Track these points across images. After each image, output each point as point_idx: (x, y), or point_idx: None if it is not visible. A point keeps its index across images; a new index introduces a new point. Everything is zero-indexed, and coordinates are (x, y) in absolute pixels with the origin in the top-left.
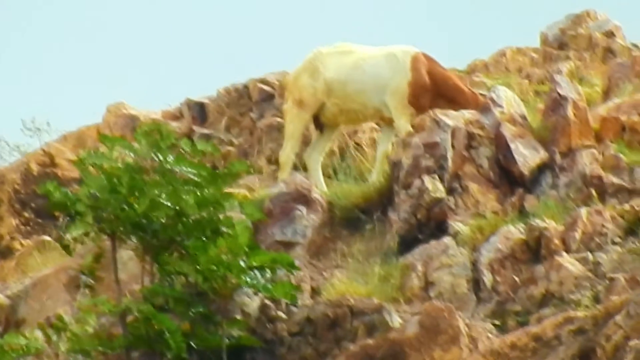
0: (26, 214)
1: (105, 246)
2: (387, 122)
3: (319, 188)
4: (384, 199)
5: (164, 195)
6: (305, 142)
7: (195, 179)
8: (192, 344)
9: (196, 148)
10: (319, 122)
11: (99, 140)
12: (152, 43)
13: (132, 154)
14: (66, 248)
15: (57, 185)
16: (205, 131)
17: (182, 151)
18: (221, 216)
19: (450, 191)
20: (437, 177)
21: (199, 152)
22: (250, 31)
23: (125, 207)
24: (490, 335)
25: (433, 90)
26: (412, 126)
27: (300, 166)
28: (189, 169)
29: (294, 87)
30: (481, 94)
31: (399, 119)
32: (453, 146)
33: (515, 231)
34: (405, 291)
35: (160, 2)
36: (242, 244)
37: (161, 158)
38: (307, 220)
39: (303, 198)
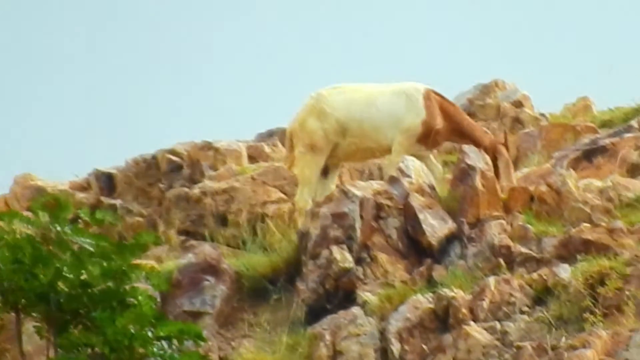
0: None
1: (10, 318)
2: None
3: None
4: (291, 270)
5: (65, 268)
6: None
7: (92, 249)
8: None
9: (95, 218)
10: (324, 166)
11: None
12: (60, 112)
13: (31, 227)
14: None
15: None
16: (113, 202)
17: (81, 221)
18: (127, 287)
19: (358, 261)
20: (345, 247)
21: (99, 221)
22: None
23: (30, 277)
24: None
25: (446, 128)
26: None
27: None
28: (87, 240)
29: (302, 133)
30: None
31: (398, 155)
32: (361, 216)
33: (423, 300)
34: None
35: (67, 76)
36: (148, 314)
37: (59, 229)
38: (216, 291)
39: (211, 269)
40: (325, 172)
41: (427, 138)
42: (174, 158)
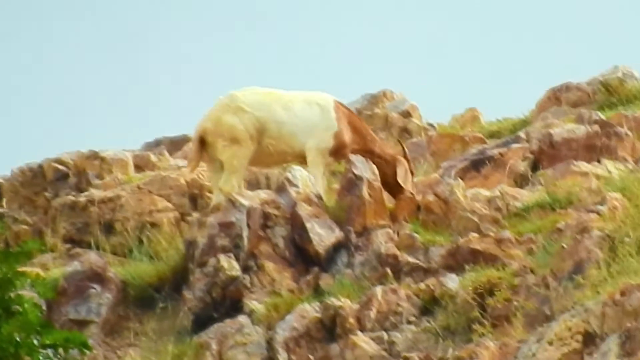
0: None
1: None
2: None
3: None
4: (178, 278)
5: None
6: None
7: None
8: None
9: None
10: None
11: None
12: None
13: None
14: None
15: None
16: (0, 210)
17: None
18: (13, 294)
19: (245, 270)
20: (232, 256)
21: None
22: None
23: None
24: None
25: (352, 140)
26: (208, 206)
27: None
28: None
29: (220, 129)
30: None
31: (316, 167)
32: (249, 225)
33: (310, 310)
34: None
35: None
36: (34, 322)
37: None
38: (102, 299)
39: (97, 277)
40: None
41: (337, 150)
42: (60, 167)
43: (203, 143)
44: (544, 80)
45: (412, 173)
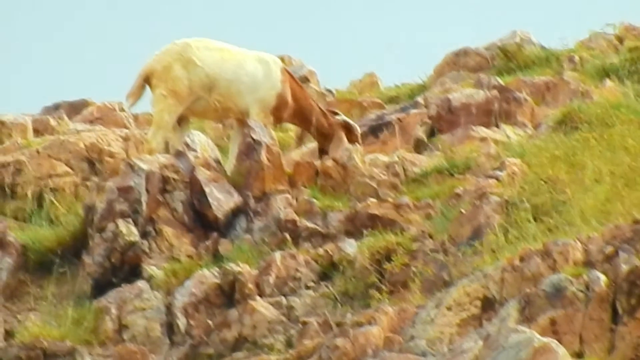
0: None
1: None
2: (242, 123)
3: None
4: (78, 243)
5: None
6: None
7: None
8: None
9: None
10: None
11: None
12: None
13: None
14: None
15: None
16: None
17: None
18: None
19: (144, 235)
20: (131, 221)
21: None
22: None
23: None
24: None
25: (292, 107)
26: (107, 171)
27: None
28: None
29: (166, 77)
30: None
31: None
32: (147, 190)
33: (209, 275)
34: (99, 334)
35: None
36: None
37: None
38: (2, 264)
39: None
40: (179, 121)
41: (278, 111)
42: None
43: (145, 82)
44: (443, 45)
45: (357, 142)
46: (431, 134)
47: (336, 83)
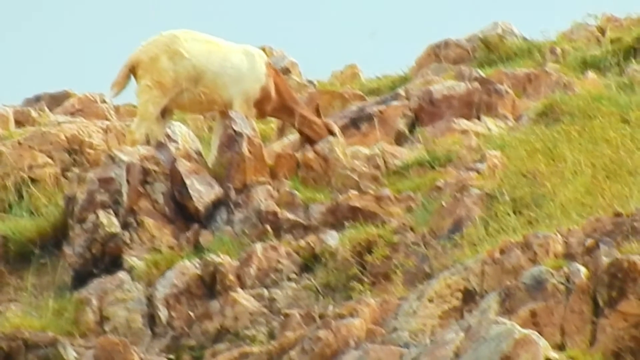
0: None
1: None
2: (224, 115)
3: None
4: (58, 234)
5: None
6: None
7: None
8: None
9: None
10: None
11: None
12: None
13: None
14: None
15: None
16: None
17: None
18: None
19: (125, 226)
20: (112, 212)
21: None
22: None
23: None
24: None
25: (275, 101)
26: (88, 162)
27: None
28: None
29: (152, 68)
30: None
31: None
32: (128, 181)
33: (190, 266)
34: (80, 325)
35: None
36: None
37: None
38: None
39: None
40: (162, 113)
41: (261, 105)
42: None
43: (131, 72)
44: (424, 37)
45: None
46: (412, 126)
47: (318, 74)
